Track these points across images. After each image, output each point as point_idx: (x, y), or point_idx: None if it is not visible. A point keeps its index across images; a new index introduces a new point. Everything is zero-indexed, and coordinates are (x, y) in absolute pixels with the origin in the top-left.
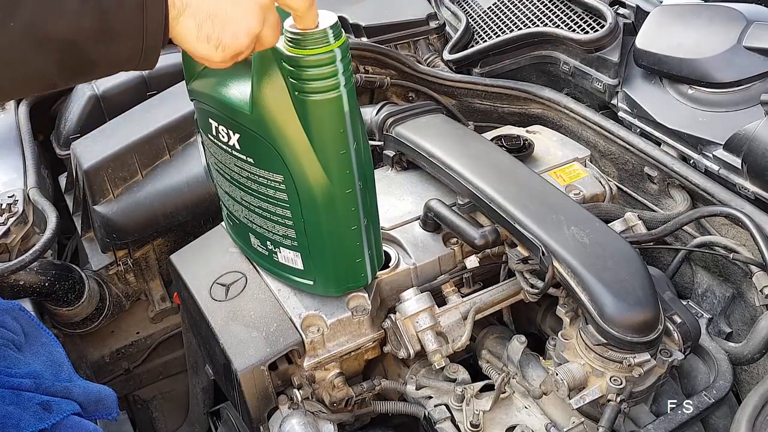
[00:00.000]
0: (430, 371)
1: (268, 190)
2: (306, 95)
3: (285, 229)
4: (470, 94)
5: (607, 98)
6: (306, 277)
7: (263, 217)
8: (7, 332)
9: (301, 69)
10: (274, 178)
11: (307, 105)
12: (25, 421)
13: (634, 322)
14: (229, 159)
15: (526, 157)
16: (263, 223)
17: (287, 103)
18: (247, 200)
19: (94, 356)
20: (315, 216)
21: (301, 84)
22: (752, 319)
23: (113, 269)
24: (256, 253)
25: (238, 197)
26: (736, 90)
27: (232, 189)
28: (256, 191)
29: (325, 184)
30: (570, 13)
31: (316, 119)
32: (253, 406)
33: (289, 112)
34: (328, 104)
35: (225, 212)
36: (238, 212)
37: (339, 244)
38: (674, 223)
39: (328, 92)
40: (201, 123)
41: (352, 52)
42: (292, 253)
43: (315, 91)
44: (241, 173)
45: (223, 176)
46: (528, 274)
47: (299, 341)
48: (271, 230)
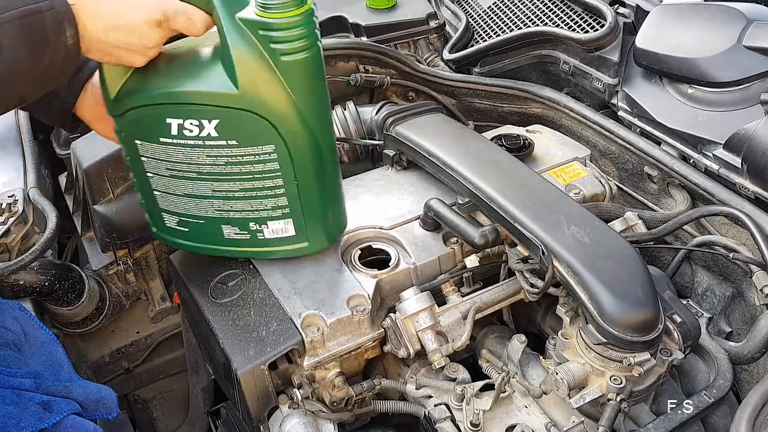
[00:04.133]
0: (430, 371)
1: (256, 166)
2: (291, 56)
3: (275, 200)
4: (470, 93)
5: (607, 98)
6: (298, 241)
7: (247, 198)
8: (7, 332)
9: (283, 31)
10: (263, 151)
11: (294, 66)
12: (25, 421)
13: (634, 322)
14: (198, 153)
15: (526, 157)
16: (246, 205)
17: (272, 72)
18: (222, 190)
19: (94, 356)
20: (308, 174)
21: (285, 47)
22: (752, 319)
23: (113, 269)
24: (232, 243)
25: (207, 192)
26: (736, 89)
27: (196, 187)
28: (238, 174)
29: (314, 141)
30: (570, 13)
31: (303, 78)
32: (253, 405)
33: (275, 79)
34: (311, 61)
35: (173, 221)
36: (204, 210)
37: (329, 196)
38: (674, 223)
39: (308, 50)
40: (147, 130)
41: (352, 52)
42: (282, 222)
43: (298, 51)
44: (215, 163)
45: (180, 178)
46: (528, 274)
47: (299, 341)
48: (257, 208)
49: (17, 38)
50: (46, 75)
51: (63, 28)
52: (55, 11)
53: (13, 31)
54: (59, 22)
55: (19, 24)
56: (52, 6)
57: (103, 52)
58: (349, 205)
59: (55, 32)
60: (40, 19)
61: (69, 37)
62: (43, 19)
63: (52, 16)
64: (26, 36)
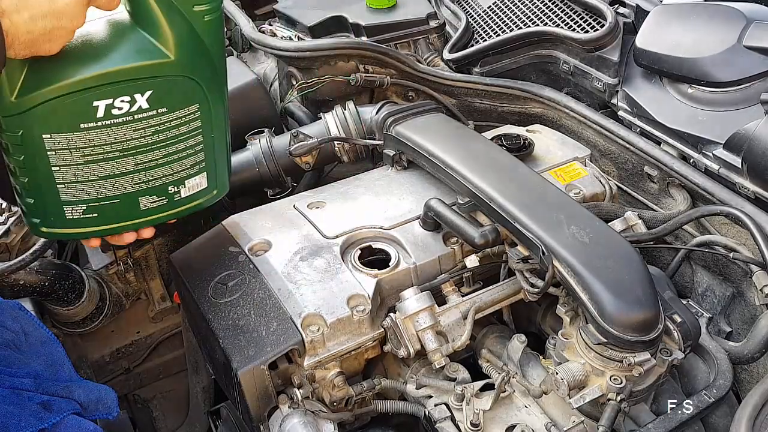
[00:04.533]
0: (430, 370)
1: (181, 127)
2: (211, 15)
3: (194, 157)
4: (470, 93)
5: (607, 97)
6: (209, 191)
7: (168, 163)
8: (7, 332)
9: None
10: (189, 112)
11: (212, 24)
12: (25, 421)
13: (634, 322)
14: (125, 130)
15: (526, 157)
16: (167, 170)
17: (195, 33)
18: (146, 161)
19: (94, 356)
20: (219, 123)
21: (205, 8)
22: (752, 319)
23: (113, 269)
24: (148, 213)
25: (129, 167)
26: (736, 89)
27: (116, 166)
28: (163, 141)
29: (223, 91)
30: (570, 13)
31: (218, 34)
32: (253, 405)
33: (199, 40)
34: (221, 17)
35: (78, 211)
36: (121, 188)
37: (228, 140)
38: (674, 223)
39: (220, 7)
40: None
41: (352, 52)
42: (198, 178)
43: (215, 9)
44: (143, 135)
45: (98, 161)
46: (528, 274)
47: (299, 340)
48: (176, 170)
49: None
50: None
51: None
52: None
53: None
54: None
55: None
56: None
57: (26, 44)
58: (349, 205)
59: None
60: None
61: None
62: None
63: None
64: None
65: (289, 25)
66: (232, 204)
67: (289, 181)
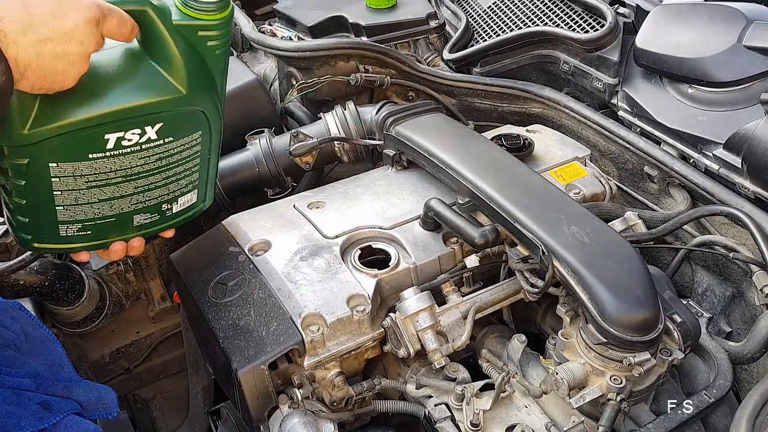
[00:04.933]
0: (430, 370)
1: (183, 153)
2: (222, 49)
3: (190, 177)
4: (470, 93)
5: (607, 97)
6: (197, 205)
7: (166, 184)
8: (7, 332)
9: (218, 29)
10: (192, 138)
11: (222, 57)
12: (25, 421)
13: (634, 322)
14: (131, 159)
15: (526, 157)
16: (163, 190)
17: (206, 67)
18: (144, 185)
19: (94, 356)
20: (216, 145)
21: (217, 43)
22: (752, 319)
23: (113, 269)
24: (140, 229)
25: (129, 191)
26: (736, 89)
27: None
28: (165, 166)
29: (221, 114)
30: (570, 13)
31: (225, 66)
32: (253, 405)
33: (209, 73)
34: (228, 50)
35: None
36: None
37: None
38: (674, 223)
39: (228, 42)
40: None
41: (352, 52)
42: (189, 194)
43: (225, 43)
44: (146, 162)
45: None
46: (528, 273)
47: (299, 340)
48: (172, 190)
49: None
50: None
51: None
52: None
53: None
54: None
55: None
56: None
57: (39, 73)
58: (349, 204)
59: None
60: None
61: (3, 79)
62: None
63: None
64: None
65: (289, 25)
66: (232, 204)
67: (289, 181)
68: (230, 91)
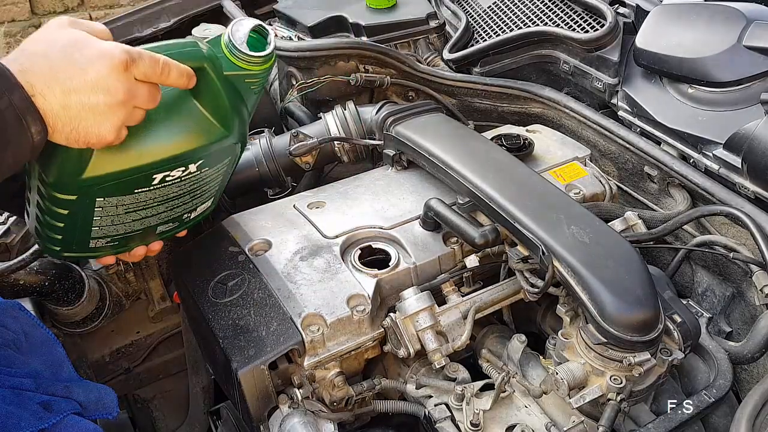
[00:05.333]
0: (430, 370)
1: (213, 175)
2: (259, 87)
3: (211, 191)
4: (470, 93)
5: (607, 97)
6: (210, 209)
7: (192, 200)
8: (7, 332)
9: (263, 76)
10: (223, 164)
11: (256, 94)
12: (25, 421)
13: (634, 321)
14: (170, 188)
15: (526, 157)
16: (188, 205)
17: (245, 105)
18: (174, 204)
19: (94, 356)
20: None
21: (259, 87)
22: (752, 319)
23: (113, 268)
24: (161, 235)
25: (161, 210)
26: (736, 89)
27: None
28: (197, 188)
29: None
30: (570, 12)
31: (257, 101)
32: (253, 405)
33: (246, 110)
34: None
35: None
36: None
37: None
38: (674, 223)
39: (265, 82)
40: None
41: (352, 52)
42: (208, 202)
43: (262, 84)
44: (182, 188)
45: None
46: (528, 273)
47: (299, 340)
48: (195, 204)
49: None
50: (5, 172)
51: (26, 124)
52: (13, 108)
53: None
54: (20, 118)
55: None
56: (10, 103)
57: (69, 127)
58: (349, 204)
59: (16, 132)
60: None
61: (35, 134)
62: (2, 119)
63: (12, 114)
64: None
65: (289, 25)
66: (232, 204)
67: (289, 181)
68: None
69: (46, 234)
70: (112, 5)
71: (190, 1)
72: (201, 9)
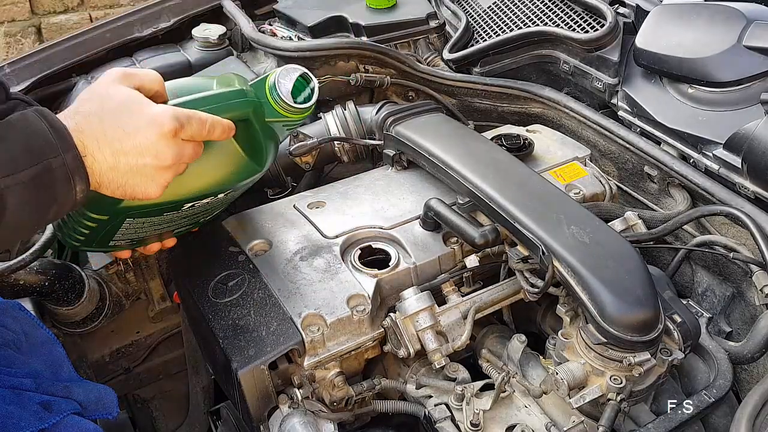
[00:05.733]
0: (430, 370)
1: (235, 195)
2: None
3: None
4: (470, 93)
5: (607, 97)
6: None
7: (213, 211)
8: (7, 332)
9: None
10: (246, 184)
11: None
12: (25, 421)
13: (634, 322)
14: (196, 210)
15: (526, 157)
16: (208, 215)
17: (277, 141)
18: (196, 217)
19: (94, 356)
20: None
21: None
22: (752, 319)
23: (113, 268)
24: (176, 234)
25: (183, 221)
26: (736, 89)
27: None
28: (219, 205)
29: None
30: (570, 12)
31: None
32: (253, 405)
33: (277, 145)
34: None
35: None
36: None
37: None
38: (674, 223)
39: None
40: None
41: (352, 52)
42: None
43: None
44: (206, 209)
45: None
46: (528, 273)
47: (299, 340)
48: (217, 212)
49: (24, 201)
50: (44, 225)
51: (73, 183)
52: (65, 167)
53: (22, 193)
54: (69, 178)
55: (29, 185)
56: (63, 162)
57: (116, 184)
58: (349, 204)
59: (63, 190)
60: (50, 178)
61: (78, 192)
62: (53, 178)
63: (62, 173)
64: (34, 196)
65: (289, 25)
66: (232, 204)
67: (289, 181)
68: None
69: (68, 232)
70: (112, 5)
71: (190, 1)
72: (201, 9)
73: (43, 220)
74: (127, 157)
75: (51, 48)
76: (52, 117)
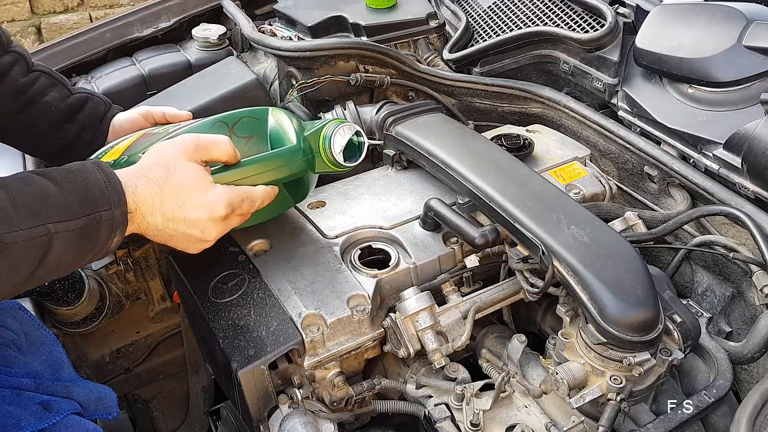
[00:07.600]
0: (430, 370)
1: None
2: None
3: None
4: (470, 93)
5: (607, 97)
6: None
7: None
8: (8, 332)
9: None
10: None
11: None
12: (25, 421)
13: (634, 322)
14: None
15: (526, 157)
16: None
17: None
18: None
19: (94, 356)
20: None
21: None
22: (752, 319)
23: (113, 268)
24: None
25: None
26: (736, 89)
27: None
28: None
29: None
30: (570, 12)
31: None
32: (253, 405)
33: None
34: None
35: None
36: None
37: None
38: (674, 223)
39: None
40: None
41: (352, 52)
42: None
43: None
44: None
45: None
46: (528, 273)
47: (299, 340)
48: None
49: (69, 246)
50: (76, 268)
51: (113, 235)
52: (112, 221)
53: (69, 239)
54: (112, 231)
55: (77, 233)
56: (111, 216)
57: (159, 239)
58: (348, 204)
59: (104, 240)
60: (97, 229)
61: (114, 243)
62: (99, 229)
63: (108, 226)
64: (78, 243)
65: (289, 25)
66: None
67: None
68: (230, 91)
69: None
70: (112, 5)
71: (190, 1)
72: (201, 9)
73: (79, 264)
74: (175, 224)
75: (51, 48)
76: (110, 171)
